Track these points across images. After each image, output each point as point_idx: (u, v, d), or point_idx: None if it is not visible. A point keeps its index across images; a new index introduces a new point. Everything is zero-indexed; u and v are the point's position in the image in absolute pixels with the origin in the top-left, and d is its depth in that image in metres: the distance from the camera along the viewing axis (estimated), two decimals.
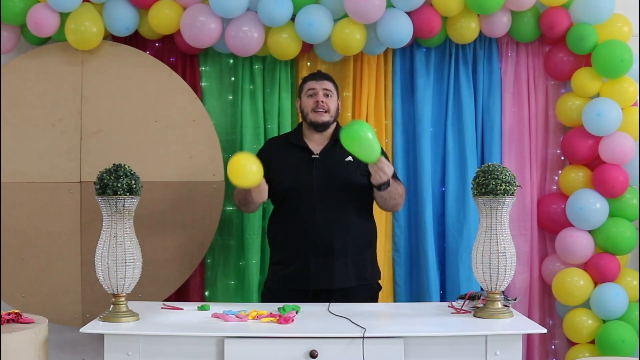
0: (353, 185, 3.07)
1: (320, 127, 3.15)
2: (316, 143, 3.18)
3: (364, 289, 3.14)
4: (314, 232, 3.04)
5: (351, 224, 3.08)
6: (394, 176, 3.13)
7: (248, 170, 2.80)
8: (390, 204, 3.11)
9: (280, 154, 3.15)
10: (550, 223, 3.74)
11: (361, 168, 3.10)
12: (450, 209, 3.73)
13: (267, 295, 3.20)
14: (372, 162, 2.83)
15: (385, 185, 2.95)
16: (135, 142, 3.54)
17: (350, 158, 3.11)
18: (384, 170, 2.88)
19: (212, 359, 2.41)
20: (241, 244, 3.72)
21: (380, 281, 3.27)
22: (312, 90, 3.17)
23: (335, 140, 3.15)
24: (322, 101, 3.14)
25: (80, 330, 2.46)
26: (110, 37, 3.64)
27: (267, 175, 2.98)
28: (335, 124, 3.22)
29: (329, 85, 3.20)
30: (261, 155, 3.20)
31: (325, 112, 3.14)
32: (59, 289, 3.52)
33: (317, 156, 3.13)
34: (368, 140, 2.69)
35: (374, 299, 3.20)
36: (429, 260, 3.67)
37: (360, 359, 2.35)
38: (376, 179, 2.90)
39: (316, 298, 3.00)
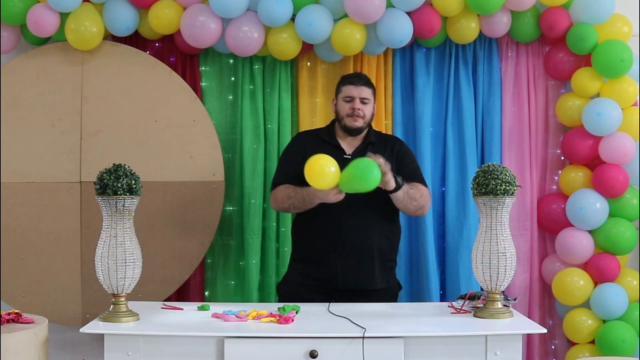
0: (382, 188, 3.04)
1: (353, 132, 3.13)
2: (348, 144, 3.16)
3: (388, 293, 3.13)
4: (341, 233, 3.03)
5: (378, 226, 3.07)
6: (419, 179, 3.13)
7: (327, 172, 2.73)
8: (411, 207, 3.04)
9: (312, 149, 3.06)
10: (550, 223, 3.74)
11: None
12: (450, 209, 3.73)
13: (289, 289, 3.14)
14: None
15: (394, 190, 2.94)
16: (135, 142, 3.54)
17: (381, 160, 3.10)
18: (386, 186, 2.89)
19: (212, 359, 2.41)
20: (241, 244, 3.72)
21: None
22: (350, 97, 3.12)
23: (367, 143, 3.14)
24: (359, 109, 3.11)
25: (80, 330, 2.45)
26: (110, 37, 3.64)
27: (302, 169, 2.95)
28: (368, 127, 3.19)
29: (367, 92, 3.13)
30: (296, 147, 3.18)
31: (360, 117, 3.11)
32: (59, 289, 3.52)
33: (350, 156, 3.10)
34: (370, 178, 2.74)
35: (394, 299, 3.19)
36: (429, 260, 3.67)
37: (360, 359, 2.35)
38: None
39: (342, 298, 2.96)
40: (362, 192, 2.77)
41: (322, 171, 2.72)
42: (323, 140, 3.15)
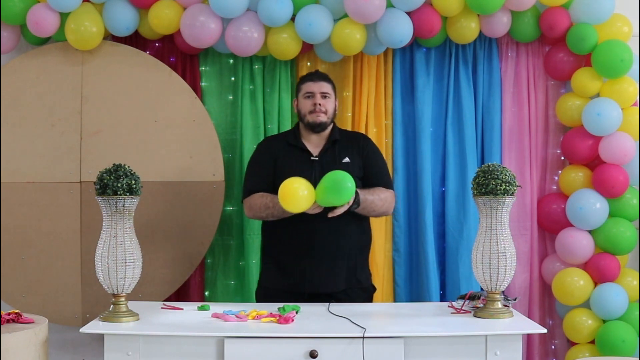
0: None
1: (317, 127, 3.14)
2: (313, 144, 3.17)
3: (359, 292, 3.13)
4: (311, 235, 3.02)
5: (348, 227, 3.05)
6: (384, 180, 3.16)
7: (301, 196, 2.75)
8: (373, 214, 3.12)
9: (281, 154, 3.14)
10: (550, 223, 3.74)
11: (357, 170, 3.10)
12: (450, 209, 3.73)
13: (263, 295, 3.18)
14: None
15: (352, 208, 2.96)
16: (135, 142, 3.54)
17: (347, 159, 3.12)
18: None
19: (212, 359, 2.41)
20: (241, 244, 3.72)
21: (373, 282, 3.26)
22: (310, 92, 3.16)
23: (332, 141, 3.16)
24: (320, 104, 3.13)
25: (80, 330, 2.46)
26: (110, 37, 3.64)
27: (274, 174, 3.02)
28: (332, 124, 3.22)
29: (326, 87, 3.18)
30: (266, 153, 3.18)
31: (323, 113, 3.13)
32: (59, 289, 3.52)
33: (317, 158, 3.12)
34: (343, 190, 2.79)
35: (368, 300, 3.19)
36: (429, 260, 3.67)
37: (360, 359, 2.35)
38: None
39: (311, 300, 2.97)
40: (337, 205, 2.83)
41: (296, 195, 2.76)
42: (289, 144, 3.16)
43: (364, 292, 3.17)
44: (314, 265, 3.03)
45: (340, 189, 2.76)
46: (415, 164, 3.73)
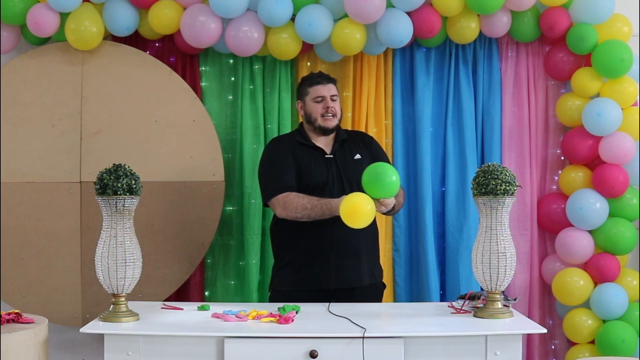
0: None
1: (329, 131, 3.16)
2: (323, 144, 3.18)
3: (374, 288, 3.18)
4: (330, 231, 3.01)
5: None
6: None
7: (365, 211, 2.65)
8: (393, 212, 3.10)
9: (296, 152, 3.13)
10: (550, 223, 3.74)
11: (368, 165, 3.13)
12: (450, 209, 3.73)
13: (278, 298, 3.11)
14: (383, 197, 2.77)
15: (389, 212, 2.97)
16: (135, 142, 3.54)
17: (358, 156, 3.15)
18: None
19: (212, 359, 2.41)
20: (241, 244, 3.72)
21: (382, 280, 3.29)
22: (321, 97, 3.15)
23: (341, 140, 3.18)
24: (332, 107, 3.14)
25: (80, 330, 2.46)
26: (110, 37, 3.64)
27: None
28: None
29: (334, 89, 3.19)
30: (283, 150, 3.14)
31: (334, 116, 3.14)
32: (59, 289, 3.52)
33: (331, 156, 3.14)
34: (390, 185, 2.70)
35: (380, 297, 3.23)
36: (429, 260, 3.67)
37: (360, 359, 2.35)
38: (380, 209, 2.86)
39: (332, 297, 2.97)
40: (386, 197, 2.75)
41: (362, 212, 2.64)
42: (300, 143, 3.16)
43: (378, 289, 3.21)
44: (338, 260, 3.05)
45: (386, 182, 2.66)
46: (415, 164, 3.73)
